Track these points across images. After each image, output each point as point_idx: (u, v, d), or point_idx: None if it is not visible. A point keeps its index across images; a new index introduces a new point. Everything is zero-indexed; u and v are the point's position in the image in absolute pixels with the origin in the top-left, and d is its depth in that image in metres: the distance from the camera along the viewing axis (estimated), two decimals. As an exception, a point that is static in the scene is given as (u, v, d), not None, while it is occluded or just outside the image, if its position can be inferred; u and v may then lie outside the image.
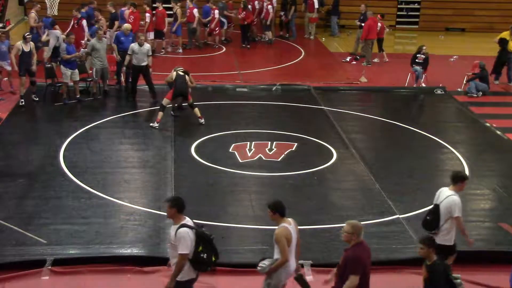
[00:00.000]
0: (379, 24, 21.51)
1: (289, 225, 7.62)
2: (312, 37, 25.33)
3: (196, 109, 15.12)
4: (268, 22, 23.94)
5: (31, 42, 16.21)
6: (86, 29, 18.93)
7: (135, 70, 16.65)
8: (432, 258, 7.48)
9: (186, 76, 15.26)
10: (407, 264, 9.57)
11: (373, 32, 21.24)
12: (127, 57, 16.64)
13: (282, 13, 25.01)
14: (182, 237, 7.20)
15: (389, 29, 27.72)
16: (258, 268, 7.73)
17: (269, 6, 23.76)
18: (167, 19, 21.71)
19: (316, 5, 24.71)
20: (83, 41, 18.51)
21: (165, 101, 15.08)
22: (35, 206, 10.93)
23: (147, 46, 16.65)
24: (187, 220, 7.38)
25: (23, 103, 15.85)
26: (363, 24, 21.79)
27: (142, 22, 20.76)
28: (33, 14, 19.49)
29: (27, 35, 16.36)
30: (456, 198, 8.55)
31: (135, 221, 10.61)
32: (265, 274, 7.70)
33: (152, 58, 17.40)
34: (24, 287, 8.81)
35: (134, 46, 16.45)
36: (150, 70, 16.92)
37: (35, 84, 16.26)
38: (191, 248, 7.27)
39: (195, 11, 22.08)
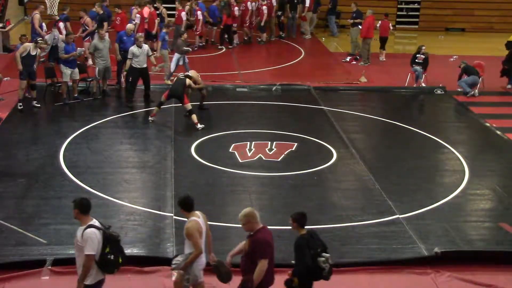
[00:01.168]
0: (380, 22, 21.51)
1: (198, 218, 7.71)
2: (307, 36, 25.31)
3: (194, 116, 15.01)
4: (262, 23, 23.88)
5: (38, 49, 16.05)
6: (63, 31, 18.78)
7: (136, 72, 16.51)
8: (300, 232, 7.76)
9: (187, 80, 15.24)
10: (407, 264, 9.58)
11: (371, 31, 21.24)
12: (128, 62, 16.51)
13: (279, 13, 24.97)
14: (88, 237, 7.12)
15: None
16: (173, 265, 7.76)
17: (264, 7, 23.68)
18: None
19: (307, 4, 24.78)
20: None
21: (162, 98, 15.16)
22: (35, 206, 10.93)
23: (145, 47, 16.59)
24: (94, 221, 7.30)
25: (22, 107, 15.75)
26: (356, 21, 22.00)
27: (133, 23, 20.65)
28: (37, 15, 19.46)
29: (40, 39, 16.26)
30: None
31: (135, 221, 10.61)
32: (180, 271, 7.73)
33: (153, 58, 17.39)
34: (24, 287, 8.81)
35: (133, 49, 16.28)
36: (153, 68, 16.85)
37: (35, 89, 16.03)
38: (98, 250, 7.20)
39: (183, 13, 21.81)
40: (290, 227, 10.45)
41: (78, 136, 14.23)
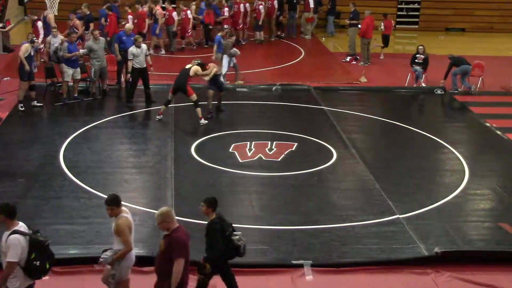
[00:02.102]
0: (383, 24, 21.49)
1: (127, 214, 7.71)
2: (307, 36, 25.33)
3: (198, 109, 15.09)
4: (260, 22, 23.82)
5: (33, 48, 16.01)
6: (41, 31, 18.71)
7: (137, 73, 16.49)
8: (212, 216, 7.87)
9: (191, 70, 15.19)
10: (407, 264, 9.58)
11: (370, 31, 21.25)
12: (129, 63, 16.50)
13: (278, 13, 24.90)
14: (11, 244, 7.00)
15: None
16: (101, 259, 7.74)
17: (260, 6, 23.62)
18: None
19: (311, 5, 24.76)
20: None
21: (169, 95, 15.17)
22: (35, 206, 10.93)
23: (144, 46, 16.57)
24: (20, 226, 7.17)
25: (23, 108, 15.74)
26: (352, 22, 22.06)
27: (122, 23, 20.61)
28: (51, 15, 19.49)
29: (35, 39, 16.24)
30: None
31: (135, 221, 10.48)
32: (107, 265, 7.74)
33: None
34: (24, 287, 8.81)
35: (132, 50, 16.25)
36: (152, 69, 16.87)
37: (35, 89, 16.02)
38: (23, 256, 7.08)
39: (175, 13, 21.64)
40: (290, 227, 10.54)
41: (78, 136, 14.23)
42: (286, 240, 10.17)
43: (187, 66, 15.40)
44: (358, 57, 22.02)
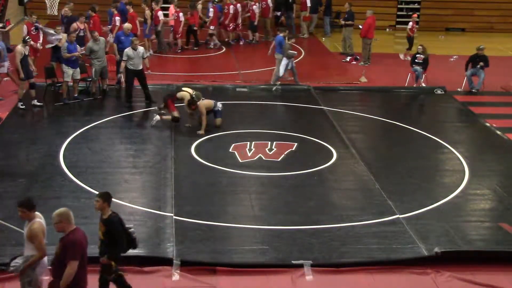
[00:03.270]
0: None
1: (40, 219, 7.62)
2: (306, 35, 25.30)
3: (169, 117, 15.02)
4: (255, 23, 23.64)
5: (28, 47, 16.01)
6: (41, 36, 18.55)
7: (131, 74, 16.45)
8: (107, 212, 7.78)
9: (179, 94, 15.05)
10: (407, 264, 9.58)
11: (371, 31, 21.24)
12: (122, 64, 16.49)
13: (278, 13, 24.88)
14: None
15: (389, 29, 27.81)
16: (11, 268, 7.55)
17: (254, 7, 23.47)
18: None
19: (309, 3, 24.73)
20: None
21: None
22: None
23: (141, 49, 16.52)
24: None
25: (24, 106, 15.75)
26: (347, 23, 22.07)
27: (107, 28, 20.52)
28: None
29: (28, 38, 16.23)
30: None
31: (135, 221, 10.58)
32: (19, 273, 7.58)
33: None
34: (24, 287, 8.81)
35: (128, 51, 16.16)
36: (149, 71, 16.83)
37: (35, 87, 16.03)
38: None
39: (160, 13, 21.30)
40: (290, 227, 10.54)
41: (78, 136, 14.23)
42: (286, 240, 10.17)
43: (183, 89, 15.23)
44: (358, 57, 22.01)
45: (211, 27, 22.62)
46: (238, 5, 23.51)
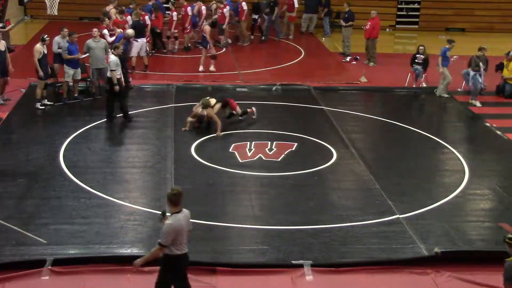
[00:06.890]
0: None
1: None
2: (290, 36, 25.03)
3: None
4: (224, 26, 22.72)
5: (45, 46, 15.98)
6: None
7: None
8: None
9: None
10: (407, 264, 9.58)
11: (376, 31, 21.23)
12: (113, 73, 14.92)
13: (256, 16, 24.40)
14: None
15: (389, 29, 27.81)
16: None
17: (225, 10, 22.37)
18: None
19: (296, 5, 24.62)
20: None
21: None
22: (35, 206, 10.93)
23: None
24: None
25: (43, 107, 15.81)
26: (347, 24, 22.01)
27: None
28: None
29: (46, 37, 16.18)
30: None
31: (135, 221, 10.61)
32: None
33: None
34: (24, 287, 8.81)
35: (114, 59, 14.98)
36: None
37: (47, 88, 16.08)
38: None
39: (147, 18, 20.44)
40: (290, 227, 10.55)
41: (78, 136, 14.23)
42: (286, 240, 10.17)
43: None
44: (358, 57, 22.01)
45: (173, 30, 21.82)
46: (203, 7, 22.45)
